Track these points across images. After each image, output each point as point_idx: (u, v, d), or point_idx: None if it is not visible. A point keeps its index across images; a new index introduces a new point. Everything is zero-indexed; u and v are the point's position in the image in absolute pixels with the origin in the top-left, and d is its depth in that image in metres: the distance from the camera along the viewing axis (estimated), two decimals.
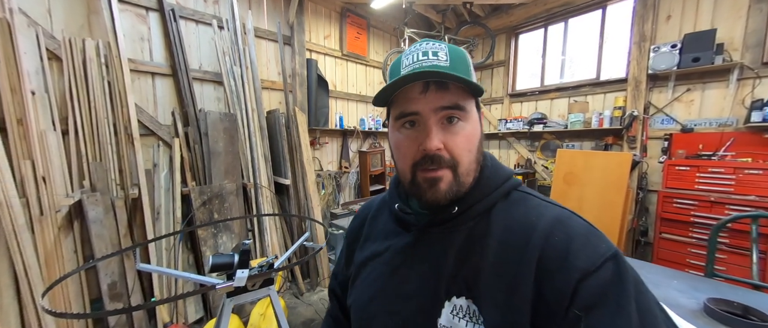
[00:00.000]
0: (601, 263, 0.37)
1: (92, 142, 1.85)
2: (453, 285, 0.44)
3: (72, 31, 1.87)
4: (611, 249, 0.39)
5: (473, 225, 0.46)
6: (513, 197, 0.48)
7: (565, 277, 0.37)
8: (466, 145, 0.44)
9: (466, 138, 0.44)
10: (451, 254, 0.46)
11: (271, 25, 2.87)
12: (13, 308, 1.56)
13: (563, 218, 0.42)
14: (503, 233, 0.44)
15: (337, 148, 3.64)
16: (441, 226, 0.48)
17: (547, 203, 0.46)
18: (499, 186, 0.48)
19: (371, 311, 0.51)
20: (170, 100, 2.29)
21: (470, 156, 0.45)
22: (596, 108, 3.16)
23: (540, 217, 0.43)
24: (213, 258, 1.07)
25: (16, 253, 1.52)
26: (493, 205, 0.47)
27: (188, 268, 2.20)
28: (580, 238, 0.40)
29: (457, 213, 0.46)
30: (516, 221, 0.44)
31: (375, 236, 0.58)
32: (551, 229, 0.41)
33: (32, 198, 1.59)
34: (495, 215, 0.46)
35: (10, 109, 1.57)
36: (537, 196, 0.48)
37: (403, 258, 0.50)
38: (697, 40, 2.45)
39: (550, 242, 0.40)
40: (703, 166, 2.36)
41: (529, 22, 3.64)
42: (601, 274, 0.37)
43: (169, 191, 2.10)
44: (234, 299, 1.16)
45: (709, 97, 2.57)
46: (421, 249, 0.49)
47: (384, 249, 0.54)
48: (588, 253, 0.38)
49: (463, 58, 0.45)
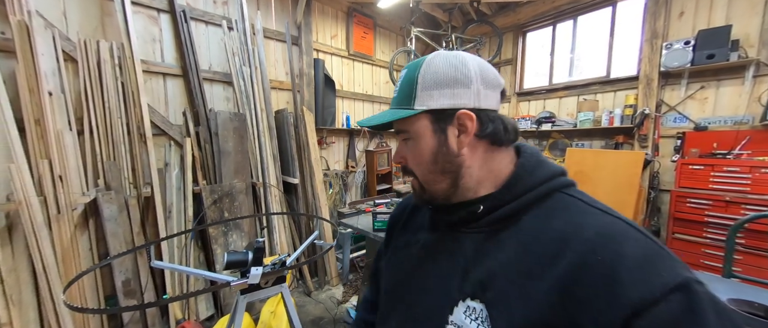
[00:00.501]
0: (663, 295, 0.29)
1: (106, 141, 1.88)
2: (467, 285, 0.44)
3: (87, 33, 1.90)
4: (680, 276, 0.31)
5: (499, 229, 0.44)
6: (555, 201, 0.43)
7: (608, 310, 0.31)
8: (413, 159, 0.49)
9: (413, 153, 0.49)
10: (469, 254, 0.46)
11: (279, 25, 2.89)
12: (32, 303, 1.60)
13: (612, 231, 0.36)
14: (530, 241, 0.40)
15: (343, 147, 3.65)
16: (466, 225, 0.48)
17: (595, 210, 0.40)
18: (536, 187, 0.43)
19: (393, 298, 0.55)
20: (181, 100, 2.32)
21: (420, 168, 0.48)
22: (606, 106, 3.11)
23: (581, 227, 0.37)
24: (228, 255, 1.08)
25: (35, 250, 1.56)
26: (524, 208, 0.43)
27: (199, 266, 2.23)
28: (633, 259, 0.33)
29: (482, 214, 0.46)
30: (551, 229, 0.39)
31: (410, 226, 0.61)
32: (593, 243, 0.35)
33: (50, 196, 1.63)
34: (527, 222, 0.42)
35: (29, 110, 1.61)
36: (587, 201, 0.42)
37: (428, 253, 0.52)
38: (712, 37, 2.40)
39: (589, 262, 0.34)
40: (718, 165, 2.31)
41: (536, 19, 3.61)
42: (662, 309, 0.29)
43: (181, 190, 2.13)
44: (247, 296, 1.17)
45: (723, 95, 2.52)
46: (444, 246, 0.50)
47: (414, 241, 0.56)
48: (644, 280, 0.31)
49: (408, 83, 0.47)
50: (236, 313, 1.18)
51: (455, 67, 0.44)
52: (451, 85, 0.44)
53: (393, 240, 0.64)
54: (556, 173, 0.45)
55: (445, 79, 0.44)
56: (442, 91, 0.44)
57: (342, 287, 2.71)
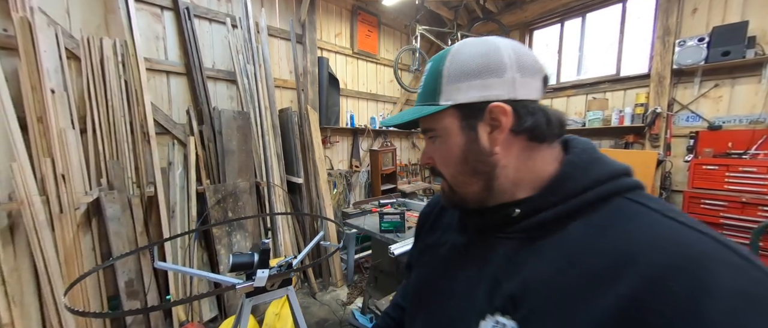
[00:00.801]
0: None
1: (109, 140, 1.86)
2: (497, 297, 0.39)
3: (90, 31, 1.88)
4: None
5: (538, 235, 0.38)
6: (615, 208, 0.35)
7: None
8: (441, 159, 0.45)
9: (441, 153, 0.45)
10: (502, 262, 0.40)
11: (283, 23, 2.86)
12: (34, 304, 1.58)
13: (697, 252, 0.27)
14: (578, 255, 0.33)
15: (347, 147, 3.61)
16: (501, 229, 0.43)
17: (672, 221, 0.31)
18: (586, 190, 0.36)
19: (419, 299, 0.53)
20: (185, 98, 2.30)
21: (448, 169, 0.45)
22: (616, 105, 3.05)
23: (652, 244, 0.29)
24: (233, 258, 1.04)
25: (37, 250, 1.54)
26: (572, 214, 0.36)
27: (202, 266, 2.20)
28: (726, 294, 0.24)
29: (519, 218, 0.40)
30: (608, 242, 0.32)
31: (439, 225, 0.58)
32: (667, 267, 0.27)
33: (52, 196, 1.60)
34: (576, 230, 0.35)
35: (31, 107, 1.58)
36: (661, 210, 0.33)
37: (456, 255, 0.49)
38: (727, 34, 2.34)
39: (660, 292, 0.26)
40: (734, 165, 2.24)
41: (544, 17, 3.55)
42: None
43: (184, 189, 2.10)
44: (253, 299, 1.13)
45: (738, 93, 2.45)
46: (474, 250, 0.47)
47: (443, 242, 0.54)
48: (743, 324, 0.23)
49: (433, 78, 0.43)
50: (241, 316, 1.15)
51: (485, 55, 0.39)
52: (481, 74, 0.39)
53: (421, 238, 0.62)
54: (618, 173, 0.37)
55: (474, 68, 0.39)
56: (470, 83, 0.40)
57: (346, 289, 2.67)
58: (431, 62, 0.45)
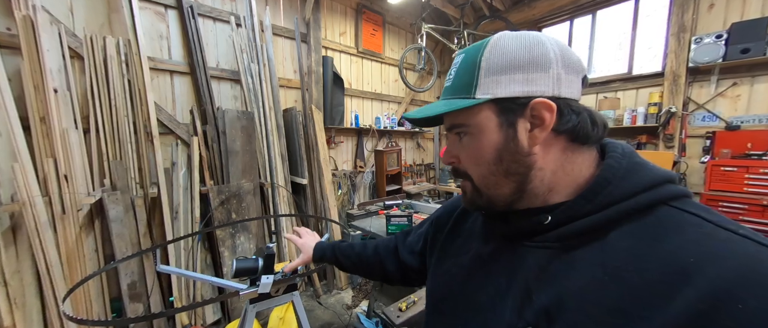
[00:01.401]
0: None
1: (113, 140, 1.83)
2: (529, 310, 0.36)
3: (93, 29, 1.86)
4: None
5: (574, 245, 0.35)
6: (661, 217, 0.32)
7: None
8: (471, 158, 0.42)
9: (471, 151, 0.41)
10: (534, 273, 0.37)
11: (288, 22, 2.82)
12: (35, 305, 1.56)
13: (762, 267, 0.26)
14: (624, 267, 0.31)
15: (352, 147, 3.57)
16: (531, 238, 0.40)
17: (733, 235, 0.29)
18: (631, 196, 0.33)
19: (441, 311, 0.50)
20: (188, 98, 2.27)
21: (478, 169, 0.41)
22: (628, 105, 2.97)
23: (709, 258, 0.27)
24: (237, 263, 1.00)
25: (38, 251, 1.52)
26: (614, 222, 0.33)
27: (206, 268, 2.17)
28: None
29: (551, 226, 0.37)
30: (656, 256, 0.29)
31: (459, 232, 0.55)
32: (730, 283, 0.25)
33: (54, 196, 1.58)
34: (617, 239, 0.33)
35: (34, 107, 1.56)
36: (714, 221, 0.30)
37: (482, 265, 0.46)
38: (747, 30, 2.25)
39: (724, 309, 0.24)
40: (754, 166, 2.15)
41: (553, 14, 3.47)
42: None
43: (188, 190, 2.07)
44: (257, 305, 1.09)
45: (758, 92, 2.36)
46: (500, 260, 0.43)
47: (465, 251, 0.50)
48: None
49: (469, 68, 0.39)
50: (245, 323, 1.11)
51: (529, 47, 0.36)
52: (525, 68, 0.36)
53: (438, 242, 0.58)
54: (663, 179, 0.34)
55: (517, 61, 0.36)
56: (512, 76, 0.37)
57: (351, 291, 2.63)
58: (464, 53, 0.41)
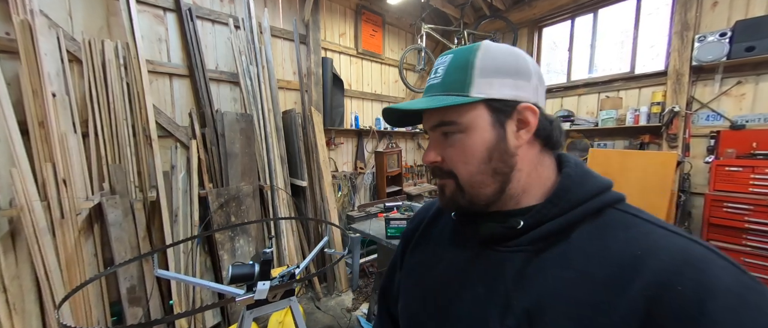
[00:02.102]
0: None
1: (111, 144, 1.83)
2: (510, 316, 0.37)
3: (92, 33, 1.86)
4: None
5: (544, 247, 0.38)
6: (610, 218, 0.37)
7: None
8: (460, 157, 0.41)
9: (460, 150, 0.41)
10: (510, 278, 0.39)
11: (287, 23, 2.82)
12: (35, 311, 1.55)
13: (694, 257, 0.30)
14: (588, 265, 0.34)
15: (352, 148, 3.56)
16: (504, 242, 0.41)
17: (665, 231, 0.34)
18: (586, 200, 0.38)
19: (418, 323, 0.48)
20: (187, 101, 2.27)
21: (467, 167, 0.41)
22: (631, 104, 2.93)
23: (653, 250, 0.32)
24: (232, 268, 0.99)
25: (37, 256, 1.51)
26: (575, 225, 0.38)
27: (205, 271, 2.16)
28: (724, 293, 0.27)
29: (523, 229, 0.39)
30: (611, 252, 0.34)
31: (428, 240, 0.54)
32: (672, 273, 0.30)
33: (53, 201, 1.58)
34: (578, 239, 0.37)
35: (32, 112, 1.56)
36: (649, 220, 0.36)
37: (457, 273, 0.45)
38: (752, 28, 2.21)
39: (670, 294, 0.29)
40: (759, 166, 2.12)
41: (553, 13, 3.44)
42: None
43: (187, 193, 2.07)
44: (254, 311, 1.08)
45: (763, 91, 2.32)
46: (476, 267, 0.43)
47: (437, 260, 0.49)
48: (740, 321, 0.26)
49: (462, 66, 0.40)
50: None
51: (516, 58, 0.40)
52: (514, 75, 0.40)
53: (408, 257, 0.56)
54: (606, 186, 0.40)
55: (507, 67, 0.40)
56: (503, 81, 0.39)
57: (352, 294, 2.62)
58: (452, 54, 0.42)
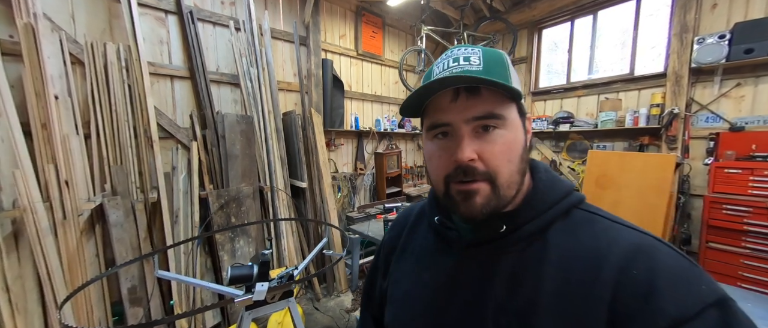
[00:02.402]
0: (700, 310, 0.30)
1: (113, 145, 1.85)
2: (502, 317, 0.38)
3: (94, 36, 1.88)
4: (716, 292, 0.31)
5: (525, 247, 0.40)
6: (576, 217, 0.41)
7: (647, 324, 0.31)
8: (505, 154, 0.39)
9: (505, 147, 0.39)
10: (499, 282, 0.40)
11: (287, 25, 2.83)
12: (37, 311, 1.57)
13: (645, 247, 0.35)
14: (564, 261, 0.38)
15: (352, 149, 3.57)
16: (487, 245, 0.43)
17: (621, 226, 0.39)
18: (557, 202, 0.41)
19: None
20: (188, 102, 2.29)
21: (510, 167, 0.39)
22: (630, 106, 2.94)
23: (613, 243, 0.36)
24: (231, 270, 1.01)
25: (39, 257, 1.53)
26: (549, 225, 0.40)
27: (206, 272, 2.18)
28: (668, 274, 0.32)
29: (506, 232, 0.41)
30: (581, 247, 0.38)
31: (412, 249, 0.53)
32: (629, 259, 0.34)
33: (55, 202, 1.60)
34: (553, 238, 0.40)
35: (35, 114, 1.58)
36: (608, 216, 0.41)
37: (445, 281, 0.45)
38: (751, 30, 2.22)
39: (628, 277, 0.33)
40: (758, 168, 2.12)
41: (553, 15, 3.45)
42: (698, 325, 0.29)
43: (188, 195, 2.08)
44: (253, 312, 1.09)
45: (763, 93, 2.32)
46: (464, 272, 0.44)
47: (423, 268, 0.49)
48: (681, 295, 0.31)
49: (500, 61, 0.40)
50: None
51: (516, 73, 0.43)
52: (519, 84, 0.43)
53: (393, 266, 0.55)
54: (571, 188, 0.44)
55: (516, 75, 0.43)
56: (520, 88, 0.41)
57: (351, 295, 2.63)
58: (480, 48, 0.41)
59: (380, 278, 0.58)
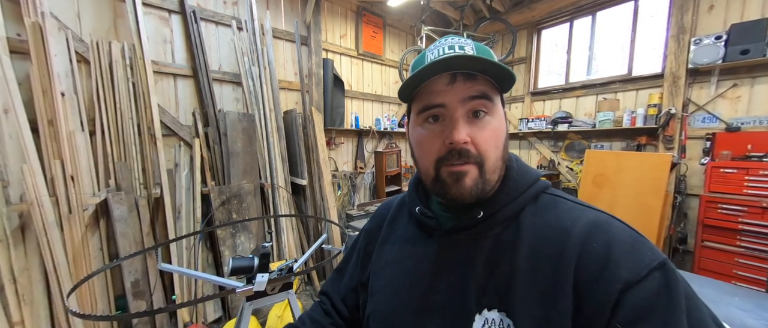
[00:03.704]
0: (647, 273, 0.34)
1: (117, 142, 1.89)
2: (483, 297, 0.41)
3: (99, 35, 1.92)
4: (658, 258, 0.35)
5: (501, 231, 0.44)
6: (543, 201, 0.45)
7: (605, 287, 0.35)
8: (492, 140, 0.42)
9: (493, 132, 0.42)
10: (479, 263, 0.43)
11: (288, 25, 2.87)
12: (43, 302, 1.61)
13: (601, 223, 0.39)
14: (535, 240, 0.41)
15: (352, 148, 3.60)
16: (466, 232, 0.45)
17: (581, 207, 0.43)
18: (528, 188, 0.45)
19: (393, 322, 0.48)
20: (191, 100, 2.32)
21: (497, 152, 0.42)
22: (628, 106, 2.96)
23: (575, 221, 0.40)
24: (233, 261, 1.04)
25: (46, 250, 1.57)
26: (521, 209, 0.44)
27: (207, 267, 2.22)
28: (621, 244, 0.37)
29: (483, 217, 0.44)
30: (548, 227, 0.41)
31: (393, 239, 0.55)
32: (588, 234, 0.38)
33: (61, 197, 1.63)
34: (524, 220, 0.43)
35: (42, 110, 1.62)
36: (569, 199, 0.45)
37: (427, 267, 0.47)
38: (747, 31, 2.24)
39: (588, 249, 0.37)
40: (754, 168, 2.14)
41: (552, 16, 3.48)
42: (646, 285, 0.34)
43: (190, 191, 2.12)
44: (253, 303, 1.13)
45: (758, 93, 2.35)
46: (446, 258, 0.46)
47: (405, 256, 0.51)
48: (631, 261, 0.35)
49: (489, 53, 0.43)
50: (242, 320, 1.14)
51: None
52: None
53: (375, 257, 0.56)
54: (538, 175, 0.48)
55: None
56: None
57: None
58: (469, 40, 0.44)
59: (359, 268, 0.59)
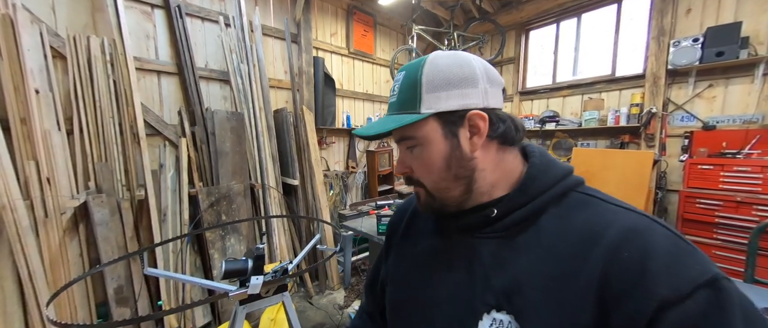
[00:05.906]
0: (691, 291, 0.30)
1: (97, 142, 1.80)
2: (490, 296, 0.41)
3: (76, 29, 1.82)
4: (708, 272, 0.31)
5: (517, 231, 0.42)
6: (572, 200, 0.42)
7: (638, 304, 0.31)
8: (423, 167, 0.45)
9: (422, 162, 0.45)
10: (487, 262, 0.43)
11: (278, 22, 2.81)
12: (17, 314, 1.51)
13: (640, 228, 0.35)
14: (555, 244, 0.39)
15: (343, 147, 3.57)
16: (480, 230, 0.45)
17: (618, 208, 0.39)
18: (549, 188, 0.42)
19: (406, 313, 0.51)
20: (176, 99, 2.24)
21: (431, 177, 0.45)
22: (612, 105, 3.07)
23: (608, 225, 0.37)
24: (226, 264, 1.00)
25: (20, 257, 1.48)
26: (541, 210, 0.42)
27: (195, 271, 2.14)
28: (660, 254, 0.32)
29: (496, 217, 0.43)
30: (574, 229, 0.38)
31: (413, 233, 0.57)
32: (621, 241, 0.35)
33: (36, 200, 1.54)
34: (546, 222, 0.41)
35: (14, 108, 1.52)
36: (606, 199, 0.41)
37: (439, 262, 0.49)
38: (721, 34, 2.36)
39: (619, 258, 0.34)
40: (728, 164, 2.26)
41: (540, 17, 3.56)
42: (690, 305, 0.29)
43: (176, 192, 2.05)
44: (247, 306, 1.09)
45: (732, 93, 2.47)
46: (457, 254, 0.47)
47: (421, 250, 0.53)
48: (672, 275, 0.31)
49: (412, 85, 0.43)
50: (235, 324, 1.11)
51: (461, 66, 0.42)
52: (459, 84, 0.42)
53: (393, 249, 0.60)
54: (568, 171, 0.44)
55: (453, 78, 0.42)
56: (450, 92, 0.42)
57: (343, 292, 2.64)
58: (405, 71, 0.45)
59: (384, 264, 0.62)
